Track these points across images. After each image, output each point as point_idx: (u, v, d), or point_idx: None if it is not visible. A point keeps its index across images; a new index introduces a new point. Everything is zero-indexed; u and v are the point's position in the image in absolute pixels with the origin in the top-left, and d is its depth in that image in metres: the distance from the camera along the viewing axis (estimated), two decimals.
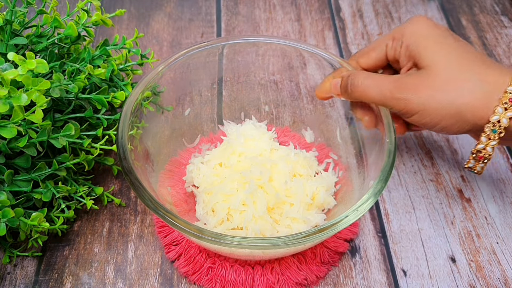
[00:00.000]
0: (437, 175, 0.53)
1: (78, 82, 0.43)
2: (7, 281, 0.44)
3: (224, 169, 0.47)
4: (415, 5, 0.75)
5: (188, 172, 0.49)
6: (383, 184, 0.36)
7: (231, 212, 0.43)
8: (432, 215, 0.50)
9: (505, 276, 0.45)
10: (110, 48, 0.49)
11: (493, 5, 0.75)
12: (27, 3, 0.45)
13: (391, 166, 0.37)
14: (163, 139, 0.48)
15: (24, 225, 0.40)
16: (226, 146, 0.49)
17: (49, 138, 0.40)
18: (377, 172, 0.37)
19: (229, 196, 0.43)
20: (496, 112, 0.34)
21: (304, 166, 0.47)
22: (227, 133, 0.51)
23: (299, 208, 0.43)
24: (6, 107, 0.35)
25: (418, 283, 0.45)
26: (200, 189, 0.47)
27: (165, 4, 0.74)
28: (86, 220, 0.48)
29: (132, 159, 0.38)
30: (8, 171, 0.39)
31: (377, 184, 0.36)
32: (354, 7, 0.74)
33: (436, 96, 0.35)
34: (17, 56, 0.36)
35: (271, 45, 0.48)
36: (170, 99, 0.48)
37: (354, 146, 0.47)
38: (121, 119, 0.40)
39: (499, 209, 0.50)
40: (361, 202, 0.35)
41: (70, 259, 0.45)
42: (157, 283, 0.44)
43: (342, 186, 0.47)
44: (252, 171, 0.44)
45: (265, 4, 0.74)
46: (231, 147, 0.48)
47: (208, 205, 0.44)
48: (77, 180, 0.47)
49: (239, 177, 0.44)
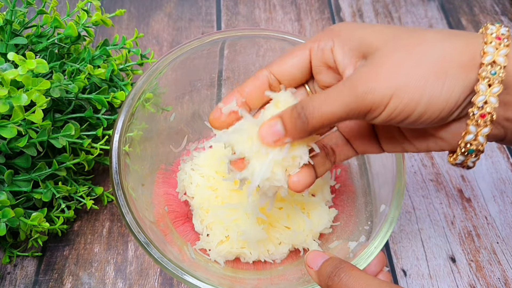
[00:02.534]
0: (437, 175, 0.53)
1: (78, 82, 0.43)
2: (7, 281, 0.44)
3: (217, 179, 0.46)
4: (415, 5, 0.75)
5: (179, 181, 0.48)
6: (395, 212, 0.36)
7: (229, 234, 0.43)
8: (432, 215, 0.50)
9: (505, 276, 0.45)
10: (110, 48, 0.49)
11: (493, 5, 0.75)
12: (27, 3, 0.45)
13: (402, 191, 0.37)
14: (154, 143, 0.48)
15: (24, 225, 0.40)
16: (214, 149, 0.48)
17: (49, 138, 0.40)
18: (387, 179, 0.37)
19: (228, 224, 0.43)
20: (487, 51, 0.27)
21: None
22: (215, 131, 0.50)
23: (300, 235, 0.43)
24: (6, 107, 0.35)
25: (418, 283, 0.45)
26: (195, 202, 0.46)
27: (165, 4, 0.74)
28: (86, 220, 0.48)
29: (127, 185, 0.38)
30: (8, 171, 0.39)
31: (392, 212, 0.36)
32: (354, 7, 0.74)
33: (404, 63, 0.28)
34: (17, 56, 0.36)
35: (271, 43, 0.47)
36: (169, 99, 0.48)
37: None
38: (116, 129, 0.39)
39: (499, 209, 0.50)
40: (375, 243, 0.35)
41: (70, 259, 0.45)
42: (157, 283, 0.44)
43: (342, 187, 0.47)
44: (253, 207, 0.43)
45: (265, 4, 0.74)
46: (221, 150, 0.47)
47: (205, 223, 0.44)
48: (77, 180, 0.47)
49: (237, 206, 0.43)
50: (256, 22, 0.71)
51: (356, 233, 0.40)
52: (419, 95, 0.28)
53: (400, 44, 0.29)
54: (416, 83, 0.27)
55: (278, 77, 0.33)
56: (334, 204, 0.47)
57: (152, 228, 0.37)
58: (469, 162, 0.31)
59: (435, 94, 0.27)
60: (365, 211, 0.41)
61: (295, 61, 0.33)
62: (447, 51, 0.28)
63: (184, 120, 0.50)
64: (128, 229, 0.34)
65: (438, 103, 0.28)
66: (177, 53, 0.42)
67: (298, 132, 0.30)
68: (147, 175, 0.44)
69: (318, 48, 0.32)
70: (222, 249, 0.42)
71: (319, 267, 0.31)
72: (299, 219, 0.43)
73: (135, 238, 0.34)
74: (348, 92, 0.28)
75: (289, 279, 0.40)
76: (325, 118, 0.29)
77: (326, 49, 0.32)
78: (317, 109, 0.29)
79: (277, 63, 0.33)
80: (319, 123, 0.29)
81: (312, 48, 0.32)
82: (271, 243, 0.43)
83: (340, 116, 0.29)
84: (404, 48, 0.29)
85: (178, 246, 0.40)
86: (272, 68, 0.33)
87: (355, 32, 0.31)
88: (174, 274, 0.33)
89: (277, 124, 0.30)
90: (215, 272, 0.40)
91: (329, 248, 0.42)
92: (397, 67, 0.28)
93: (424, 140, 0.31)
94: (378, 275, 0.38)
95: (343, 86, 0.29)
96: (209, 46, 0.44)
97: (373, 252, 0.34)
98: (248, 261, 0.43)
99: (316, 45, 0.32)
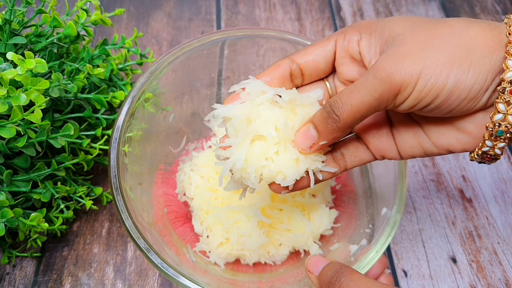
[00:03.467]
0: (438, 175, 0.53)
1: (77, 82, 0.43)
2: (6, 281, 0.44)
3: (217, 180, 0.46)
4: (416, 4, 0.75)
5: (178, 182, 0.48)
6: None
7: (229, 236, 0.43)
8: (433, 215, 0.50)
9: (506, 277, 0.45)
10: (109, 47, 0.49)
11: (494, 5, 0.75)
12: (26, 3, 0.44)
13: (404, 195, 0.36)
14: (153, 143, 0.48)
15: (23, 226, 0.39)
16: (213, 149, 0.48)
17: (48, 138, 0.40)
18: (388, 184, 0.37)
19: (228, 226, 0.43)
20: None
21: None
22: (214, 130, 0.50)
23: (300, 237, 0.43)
24: (5, 107, 0.35)
25: (418, 283, 0.45)
26: (195, 203, 0.46)
27: (165, 3, 0.73)
28: (85, 221, 0.48)
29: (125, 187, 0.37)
30: (7, 171, 0.39)
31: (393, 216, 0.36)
32: (354, 7, 0.74)
33: (430, 44, 0.28)
34: (16, 55, 0.36)
35: (271, 43, 0.47)
36: (169, 99, 0.48)
37: None
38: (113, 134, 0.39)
39: (500, 209, 0.50)
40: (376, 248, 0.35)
41: (69, 259, 0.45)
42: (157, 283, 0.44)
43: (343, 187, 0.47)
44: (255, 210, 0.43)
45: (265, 3, 0.74)
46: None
47: (205, 224, 0.44)
48: (76, 180, 0.47)
49: (237, 209, 0.43)
50: (256, 22, 0.71)
51: (357, 235, 0.39)
52: (446, 73, 0.27)
53: (424, 26, 0.28)
54: (443, 61, 0.27)
55: (301, 66, 0.33)
56: (335, 205, 0.47)
57: (151, 231, 0.37)
58: (496, 149, 0.29)
59: (463, 73, 0.27)
60: (366, 214, 0.41)
61: (320, 51, 0.32)
62: (472, 33, 0.27)
63: (183, 120, 0.50)
64: (128, 235, 0.34)
65: (466, 81, 0.27)
66: (177, 53, 0.42)
67: (331, 132, 0.29)
68: (146, 176, 0.44)
69: (344, 39, 0.32)
70: (222, 251, 0.42)
71: (319, 272, 0.31)
72: (300, 222, 0.43)
73: (136, 244, 0.34)
74: (374, 77, 0.28)
75: (290, 282, 0.40)
76: (356, 109, 0.28)
77: (352, 41, 0.31)
78: (345, 102, 0.28)
79: (301, 52, 0.33)
80: (351, 117, 0.28)
81: (338, 39, 0.32)
82: (271, 244, 0.43)
83: (371, 104, 0.28)
84: (429, 30, 0.28)
85: (177, 248, 0.40)
86: (295, 57, 0.33)
87: (379, 24, 0.31)
88: (175, 279, 0.32)
89: (309, 129, 0.30)
90: (215, 275, 0.40)
91: (330, 250, 0.42)
92: (423, 48, 0.27)
93: (445, 135, 0.30)
94: (379, 277, 0.38)
95: (368, 74, 0.28)
96: (209, 46, 0.44)
97: (375, 256, 0.34)
98: (248, 263, 0.43)
99: (342, 36, 0.32)
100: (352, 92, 0.28)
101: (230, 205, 0.44)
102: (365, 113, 0.28)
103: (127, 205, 0.35)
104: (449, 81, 0.27)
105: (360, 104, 0.28)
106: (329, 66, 0.33)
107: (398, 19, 0.30)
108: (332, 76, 0.34)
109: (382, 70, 0.27)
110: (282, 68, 0.32)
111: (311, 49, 0.32)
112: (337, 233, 0.44)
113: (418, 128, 0.31)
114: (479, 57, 0.27)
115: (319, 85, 0.34)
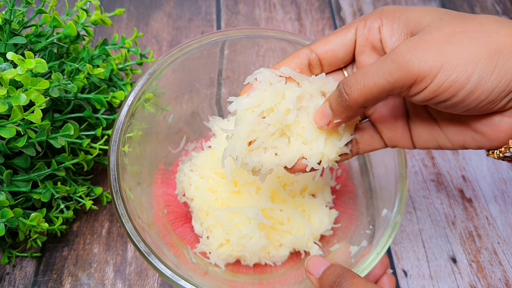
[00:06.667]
0: (438, 175, 0.53)
1: (77, 82, 0.43)
2: (6, 281, 0.44)
3: (217, 180, 0.46)
4: (416, 4, 0.75)
5: (178, 182, 0.48)
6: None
7: (230, 238, 0.43)
8: (433, 215, 0.50)
9: (506, 277, 0.45)
10: (109, 47, 0.49)
11: (494, 5, 0.75)
12: (26, 3, 0.44)
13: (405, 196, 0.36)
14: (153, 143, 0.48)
15: (23, 226, 0.39)
16: (213, 150, 0.48)
17: (48, 138, 0.40)
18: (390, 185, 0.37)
19: (228, 227, 0.43)
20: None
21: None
22: (213, 130, 0.50)
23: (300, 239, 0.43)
24: (5, 107, 0.35)
25: (419, 283, 0.45)
26: (195, 204, 0.46)
27: (165, 3, 0.73)
28: (85, 221, 0.48)
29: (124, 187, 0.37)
30: (7, 171, 0.39)
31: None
32: (354, 6, 0.74)
33: (457, 38, 0.26)
34: (16, 55, 0.36)
35: (272, 43, 0.47)
36: (169, 99, 0.48)
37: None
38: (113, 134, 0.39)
39: (500, 209, 0.50)
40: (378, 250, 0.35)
41: (69, 259, 0.45)
42: (157, 283, 0.44)
43: (343, 188, 0.47)
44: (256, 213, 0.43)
45: (265, 3, 0.74)
46: (220, 150, 0.47)
47: (205, 225, 0.44)
48: (76, 180, 0.47)
49: (237, 210, 0.43)
50: (256, 22, 0.71)
51: (357, 236, 0.39)
52: (470, 71, 0.26)
53: (453, 21, 0.27)
54: (468, 59, 0.26)
55: (320, 56, 0.32)
56: (335, 205, 0.47)
57: (151, 232, 0.37)
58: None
59: (487, 73, 0.26)
60: (367, 214, 0.41)
61: (339, 40, 0.32)
62: (502, 33, 0.26)
63: (183, 119, 0.49)
64: (129, 238, 0.34)
65: (489, 82, 0.26)
66: (178, 53, 0.42)
67: (342, 110, 0.29)
68: (146, 176, 0.44)
69: (365, 26, 0.31)
70: (223, 252, 0.42)
71: (320, 275, 0.31)
72: (300, 223, 0.43)
73: (136, 248, 0.34)
74: (392, 62, 0.27)
75: (290, 283, 0.39)
76: (368, 91, 0.27)
77: (373, 28, 0.31)
78: (358, 82, 0.28)
79: (321, 41, 0.32)
80: (361, 97, 0.28)
81: (359, 27, 0.31)
82: (271, 245, 0.43)
83: (384, 88, 0.27)
84: (457, 26, 0.27)
85: (177, 249, 0.40)
86: (314, 47, 0.32)
87: (404, 12, 0.30)
88: (175, 282, 0.32)
89: (326, 107, 0.31)
90: (216, 276, 0.40)
91: (330, 251, 0.42)
92: (448, 42, 0.26)
93: (461, 133, 0.30)
94: (381, 277, 0.38)
95: (386, 57, 0.27)
96: (209, 46, 0.44)
97: (375, 259, 0.34)
98: (248, 264, 0.43)
99: (363, 24, 0.31)
100: (367, 73, 0.28)
101: (230, 206, 0.43)
102: (378, 96, 0.28)
103: (127, 209, 0.35)
104: (471, 80, 0.26)
105: (372, 86, 0.27)
106: (348, 56, 0.32)
107: (427, 10, 0.29)
108: (351, 65, 0.33)
109: (401, 55, 0.26)
110: (300, 58, 0.32)
111: (331, 37, 0.32)
112: (337, 233, 0.44)
113: (434, 124, 0.31)
114: (505, 59, 0.26)
115: (338, 75, 0.34)
